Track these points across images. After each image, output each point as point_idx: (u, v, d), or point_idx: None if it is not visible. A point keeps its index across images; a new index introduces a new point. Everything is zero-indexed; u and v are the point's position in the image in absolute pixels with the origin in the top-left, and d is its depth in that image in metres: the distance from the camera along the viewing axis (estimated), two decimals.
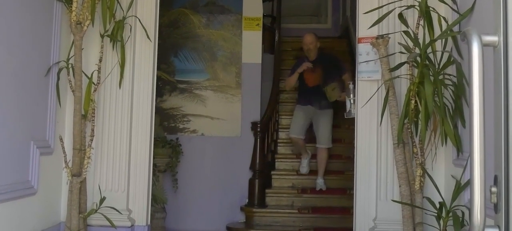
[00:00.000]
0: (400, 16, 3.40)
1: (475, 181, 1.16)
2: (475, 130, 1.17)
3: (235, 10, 6.63)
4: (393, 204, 3.44)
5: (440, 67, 3.19)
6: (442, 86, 3.11)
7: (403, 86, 3.54)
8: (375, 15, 3.55)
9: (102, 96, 3.98)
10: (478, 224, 1.16)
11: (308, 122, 5.81)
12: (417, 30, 3.34)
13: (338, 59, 6.04)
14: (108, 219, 3.69)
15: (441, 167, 3.50)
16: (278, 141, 6.54)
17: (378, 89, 3.64)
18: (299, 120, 5.78)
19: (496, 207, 1.22)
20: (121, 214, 3.84)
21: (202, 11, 6.65)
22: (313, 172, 5.85)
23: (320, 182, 5.79)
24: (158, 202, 5.45)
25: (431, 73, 3.10)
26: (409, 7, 3.45)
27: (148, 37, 3.96)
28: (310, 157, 5.94)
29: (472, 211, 1.17)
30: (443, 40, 3.24)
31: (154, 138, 4.23)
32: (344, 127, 6.09)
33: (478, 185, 1.16)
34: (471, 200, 1.18)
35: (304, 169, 5.92)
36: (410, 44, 3.36)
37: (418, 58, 3.21)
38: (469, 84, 1.20)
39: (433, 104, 3.00)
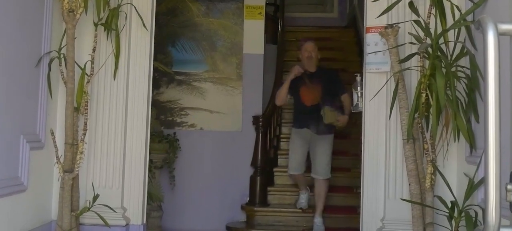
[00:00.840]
0: (411, 4, 3.39)
1: (490, 178, 1.16)
2: (490, 124, 1.17)
3: None
4: (402, 203, 3.44)
5: (453, 59, 3.18)
6: (455, 79, 3.10)
7: (413, 78, 3.53)
8: (384, 4, 3.55)
9: (95, 88, 3.98)
10: (493, 223, 1.15)
11: (307, 149, 5.28)
12: (428, 20, 3.33)
13: (338, 76, 5.43)
14: (101, 218, 3.70)
15: (453, 164, 3.50)
16: (281, 136, 6.54)
17: (387, 81, 3.63)
18: (297, 150, 5.27)
19: None
20: (115, 212, 3.85)
21: None
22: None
23: (318, 223, 5.20)
24: (154, 200, 5.46)
25: (443, 65, 3.10)
26: None
27: (144, 26, 3.95)
28: (309, 192, 5.47)
29: (486, 210, 1.16)
30: (456, 30, 3.23)
31: (150, 133, 4.23)
32: (350, 121, 6.07)
33: (493, 182, 1.16)
34: (485, 198, 1.17)
35: (303, 203, 5.46)
36: (421, 34, 3.35)
37: (430, 49, 3.20)
38: (484, 75, 1.19)
39: (445, 98, 3.00)
